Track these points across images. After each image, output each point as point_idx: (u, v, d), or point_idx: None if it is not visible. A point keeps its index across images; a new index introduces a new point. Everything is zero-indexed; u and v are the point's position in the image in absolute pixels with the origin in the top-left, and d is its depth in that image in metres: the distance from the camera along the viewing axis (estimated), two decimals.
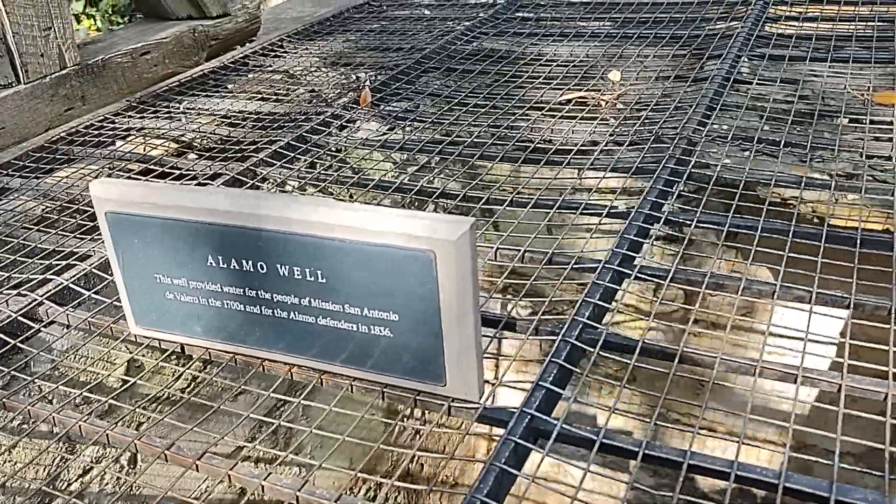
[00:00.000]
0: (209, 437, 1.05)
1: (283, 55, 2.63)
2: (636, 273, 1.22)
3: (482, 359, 0.99)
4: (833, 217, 1.38)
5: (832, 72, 1.96)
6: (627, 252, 1.26)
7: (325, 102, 2.11)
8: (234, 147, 1.86)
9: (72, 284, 1.38)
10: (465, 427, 1.00)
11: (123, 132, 2.08)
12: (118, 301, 1.21)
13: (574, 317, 1.12)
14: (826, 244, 1.25)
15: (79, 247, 1.52)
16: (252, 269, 1.03)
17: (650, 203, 1.40)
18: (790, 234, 1.29)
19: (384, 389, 1.05)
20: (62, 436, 1.10)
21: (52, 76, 2.24)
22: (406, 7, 3.21)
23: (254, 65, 2.56)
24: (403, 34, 2.79)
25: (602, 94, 1.95)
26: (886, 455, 0.89)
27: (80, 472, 1.78)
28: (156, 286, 1.12)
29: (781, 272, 1.19)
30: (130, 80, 2.50)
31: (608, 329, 1.10)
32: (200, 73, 2.48)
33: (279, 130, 1.95)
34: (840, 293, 1.13)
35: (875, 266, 1.20)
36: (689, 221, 1.35)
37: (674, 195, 1.44)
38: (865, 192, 1.40)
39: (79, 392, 1.19)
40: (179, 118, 2.16)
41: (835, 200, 1.42)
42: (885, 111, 1.72)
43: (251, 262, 1.03)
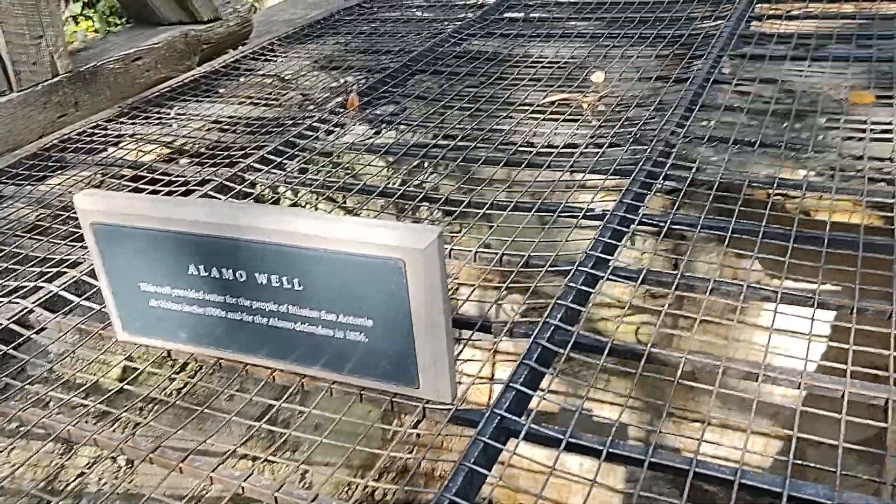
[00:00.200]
0: (204, 438, 1.09)
1: (274, 59, 2.67)
2: (608, 275, 1.25)
3: (454, 362, 1.02)
4: (806, 216, 1.41)
5: (810, 71, 1.99)
6: (601, 255, 1.30)
7: (314, 107, 2.15)
8: (223, 153, 1.89)
9: (62, 291, 1.42)
10: (439, 428, 1.03)
11: (115, 139, 2.12)
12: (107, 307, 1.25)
13: (546, 319, 1.16)
14: (795, 245, 1.29)
15: (70, 254, 1.55)
16: (232, 278, 1.07)
17: (626, 206, 1.43)
18: (760, 235, 1.32)
19: (361, 392, 1.08)
20: (53, 438, 1.14)
21: (45, 84, 2.27)
22: (397, 8, 3.24)
23: (245, 69, 2.59)
24: (393, 36, 2.82)
25: (585, 96, 1.98)
26: (840, 451, 0.92)
27: (78, 473, 1.82)
28: (140, 294, 1.16)
29: (749, 274, 1.23)
30: (123, 86, 2.54)
31: (579, 330, 1.14)
32: (192, 78, 2.51)
33: (267, 135, 1.98)
34: (806, 293, 1.17)
35: (840, 266, 1.23)
36: (663, 223, 1.38)
37: (649, 197, 1.47)
38: (836, 192, 1.43)
39: (68, 397, 1.23)
40: (171, 124, 2.19)
41: (829, 198, 1.45)
42: (860, 110, 1.75)
43: (231, 271, 1.06)
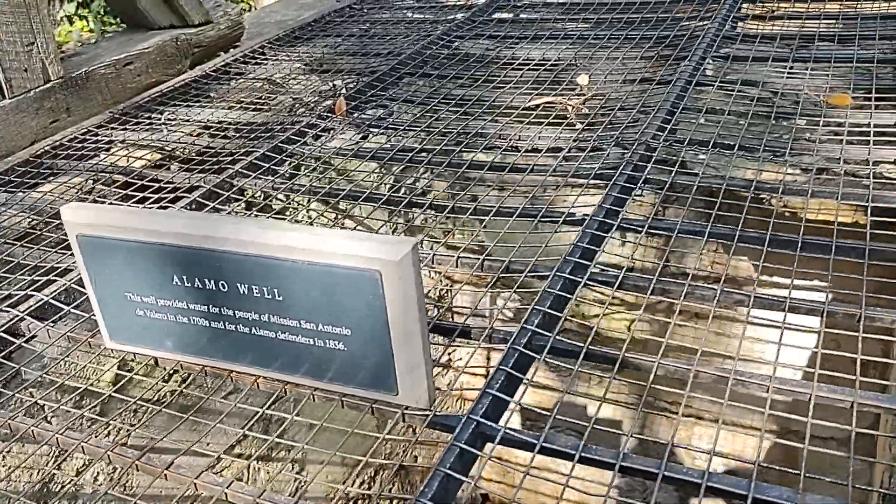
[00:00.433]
0: (198, 441, 1.12)
1: (264, 62, 2.69)
2: (585, 280, 1.28)
3: (432, 369, 1.05)
4: (783, 219, 1.43)
5: (791, 73, 2.01)
6: (579, 260, 1.32)
7: (302, 111, 2.17)
8: (212, 159, 1.92)
9: (52, 300, 1.44)
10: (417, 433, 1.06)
11: (106, 145, 2.14)
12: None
13: (524, 325, 1.18)
14: (769, 248, 1.31)
15: (60, 262, 1.58)
16: (214, 288, 1.09)
17: (605, 210, 1.45)
18: (735, 239, 1.34)
19: (343, 398, 1.11)
20: (41, 446, 1.17)
21: (37, 90, 2.29)
22: (387, 9, 3.25)
23: (235, 73, 2.61)
24: (383, 38, 2.84)
25: (569, 99, 2.00)
26: (805, 454, 0.95)
27: (74, 474, 1.85)
28: (127, 304, 1.18)
29: (723, 277, 1.25)
30: (114, 91, 2.56)
31: (556, 336, 1.16)
32: (182, 83, 2.53)
33: (256, 141, 2.01)
34: (775, 297, 1.19)
35: (814, 269, 1.26)
36: (642, 228, 1.41)
37: (629, 202, 1.50)
38: (812, 196, 1.46)
39: (58, 406, 1.25)
40: (161, 129, 2.21)
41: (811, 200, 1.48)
42: (839, 112, 1.77)
43: (213, 282, 1.09)
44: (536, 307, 1.22)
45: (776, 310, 1.19)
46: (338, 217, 2.06)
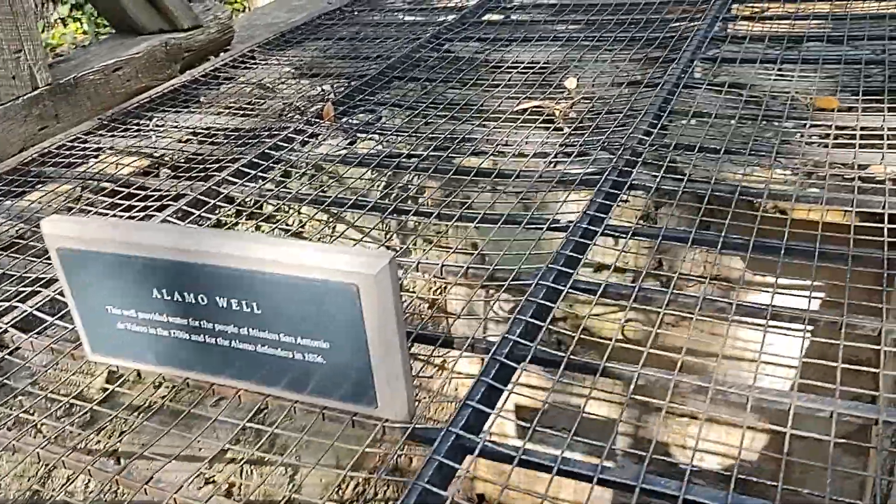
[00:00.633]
0: (186, 447, 1.12)
1: (254, 66, 2.68)
2: (568, 289, 1.28)
3: (411, 381, 1.05)
4: (765, 226, 1.43)
5: (779, 75, 2.01)
6: (562, 268, 1.32)
7: (290, 116, 2.17)
8: (199, 166, 1.91)
9: (36, 311, 1.44)
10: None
11: (94, 152, 2.14)
12: None
13: (505, 335, 1.18)
14: (752, 255, 1.31)
15: (45, 272, 1.58)
16: (194, 301, 1.09)
17: (589, 217, 1.45)
18: (719, 245, 1.34)
19: (323, 411, 1.11)
20: (23, 461, 1.17)
21: (25, 97, 2.29)
22: (378, 12, 3.25)
23: (224, 77, 2.60)
24: (373, 41, 2.84)
25: (556, 103, 2.00)
26: (783, 465, 0.95)
27: (65, 480, 1.85)
28: (108, 317, 1.18)
29: (704, 285, 1.25)
30: (104, 97, 2.55)
31: (537, 346, 1.16)
32: (171, 88, 2.53)
33: (243, 147, 2.00)
34: (758, 304, 1.19)
35: (795, 279, 1.25)
36: (625, 234, 1.41)
37: (613, 208, 1.50)
38: (797, 200, 1.46)
39: (39, 419, 1.25)
40: (150, 135, 2.21)
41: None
42: (826, 115, 1.77)
43: (193, 295, 1.08)
44: (518, 316, 1.22)
45: (759, 317, 1.18)
46: (329, 220, 2.06)
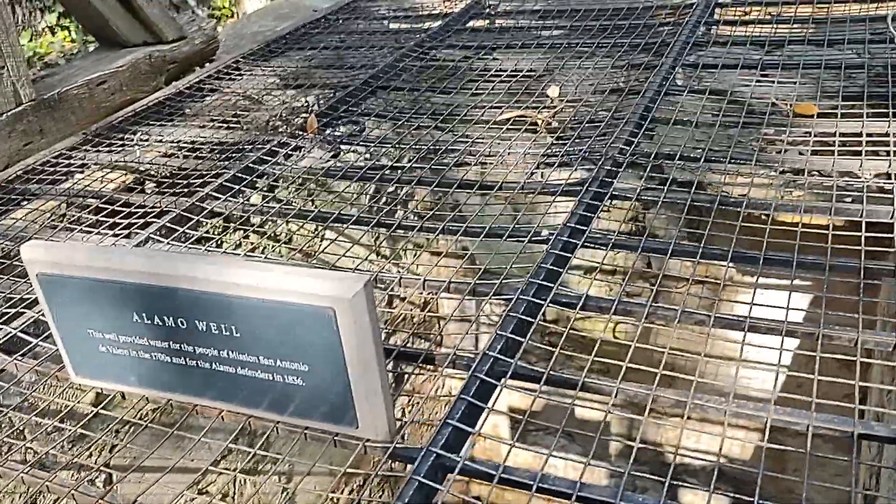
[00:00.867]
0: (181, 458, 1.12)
1: (238, 77, 2.68)
2: (548, 303, 1.28)
3: (391, 401, 1.06)
4: (745, 235, 1.44)
5: (758, 82, 2.02)
6: (543, 282, 1.33)
7: (274, 129, 2.17)
8: (183, 181, 1.91)
9: (20, 333, 1.44)
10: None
11: (78, 168, 2.14)
12: None
13: (486, 351, 1.19)
14: (730, 264, 1.32)
15: (29, 291, 1.58)
16: (174, 325, 1.09)
17: (570, 229, 1.46)
18: (698, 255, 1.35)
19: (305, 431, 1.12)
20: (6, 486, 1.17)
21: (9, 113, 2.29)
22: (362, 20, 3.25)
23: (209, 89, 2.60)
24: (358, 49, 2.84)
25: (539, 113, 2.01)
26: (760, 478, 0.96)
27: (56, 498, 1.85)
28: (90, 340, 1.18)
29: (685, 294, 1.26)
30: (88, 111, 2.55)
31: (517, 361, 1.17)
32: (156, 101, 2.53)
33: (228, 161, 2.01)
34: (735, 316, 1.20)
35: (777, 288, 1.26)
36: (606, 246, 1.42)
37: (595, 219, 1.50)
38: (775, 209, 1.47)
39: (21, 443, 1.26)
40: (134, 150, 2.21)
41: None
42: (805, 121, 1.78)
43: (172, 319, 1.09)
44: (499, 332, 1.22)
45: (736, 329, 1.19)
46: (318, 230, 2.06)
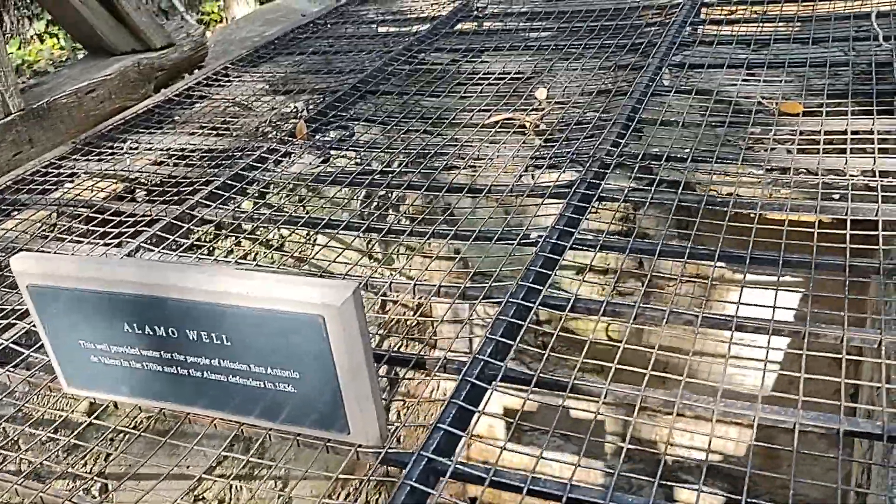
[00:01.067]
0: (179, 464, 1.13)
1: (227, 84, 2.69)
2: (538, 305, 1.29)
3: (382, 406, 1.06)
4: (733, 234, 1.45)
5: (745, 80, 2.03)
6: (532, 285, 1.34)
7: (264, 136, 2.17)
8: (173, 189, 1.92)
9: (12, 344, 1.45)
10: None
11: (69, 177, 2.14)
12: None
13: (476, 355, 1.19)
14: (718, 263, 1.33)
15: (21, 302, 1.58)
16: (165, 335, 1.10)
17: (559, 232, 1.47)
18: (686, 256, 1.36)
19: (297, 438, 1.12)
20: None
21: None
22: (351, 24, 3.26)
23: (198, 96, 2.61)
24: (347, 53, 2.85)
25: (527, 115, 2.02)
26: (747, 479, 0.97)
27: None
28: (81, 351, 1.19)
29: (673, 299, 1.27)
30: (78, 119, 2.55)
31: (507, 364, 1.18)
32: (145, 109, 2.53)
33: (217, 168, 2.01)
34: (723, 315, 1.21)
35: (757, 289, 1.28)
36: (594, 248, 1.43)
37: (583, 221, 1.51)
38: (761, 208, 1.48)
39: (17, 454, 1.26)
40: (124, 158, 2.21)
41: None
42: (791, 120, 1.79)
43: (163, 328, 1.09)
44: (489, 335, 1.23)
45: (724, 329, 1.20)
46: (309, 234, 2.07)
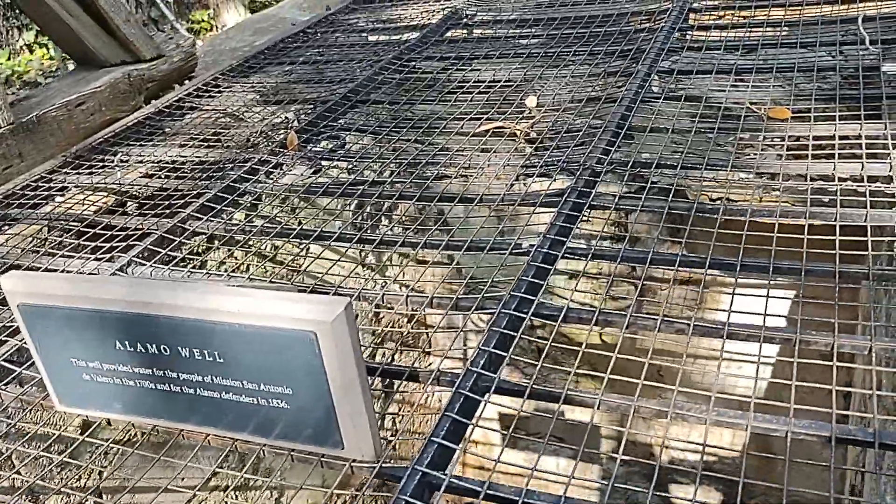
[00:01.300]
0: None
1: (218, 95, 2.68)
2: (530, 315, 1.30)
3: (375, 421, 1.06)
4: (723, 242, 1.45)
5: (734, 86, 2.04)
6: (524, 295, 1.34)
7: (254, 147, 2.17)
8: (164, 202, 1.91)
9: (4, 361, 1.44)
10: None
11: (59, 191, 2.13)
12: None
13: (469, 367, 1.20)
14: (709, 271, 1.33)
15: (12, 319, 1.57)
16: (157, 352, 1.10)
17: (550, 241, 1.47)
18: (676, 264, 1.37)
19: (292, 453, 1.12)
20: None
21: None
22: (341, 32, 3.26)
23: (189, 107, 2.60)
24: (337, 62, 2.85)
25: (517, 123, 2.02)
26: (741, 486, 0.97)
27: None
28: (73, 368, 1.19)
29: (665, 305, 1.27)
30: (68, 132, 2.55)
31: (500, 376, 1.18)
32: (136, 121, 2.52)
33: (208, 180, 2.01)
34: (715, 324, 1.21)
35: (749, 296, 1.28)
36: (586, 257, 1.43)
37: (574, 230, 1.52)
38: (751, 215, 1.48)
39: (10, 474, 1.26)
40: (115, 171, 2.21)
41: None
42: (779, 125, 1.80)
43: (155, 346, 1.09)
44: (482, 347, 1.23)
45: (714, 337, 1.21)
46: (302, 245, 2.07)
